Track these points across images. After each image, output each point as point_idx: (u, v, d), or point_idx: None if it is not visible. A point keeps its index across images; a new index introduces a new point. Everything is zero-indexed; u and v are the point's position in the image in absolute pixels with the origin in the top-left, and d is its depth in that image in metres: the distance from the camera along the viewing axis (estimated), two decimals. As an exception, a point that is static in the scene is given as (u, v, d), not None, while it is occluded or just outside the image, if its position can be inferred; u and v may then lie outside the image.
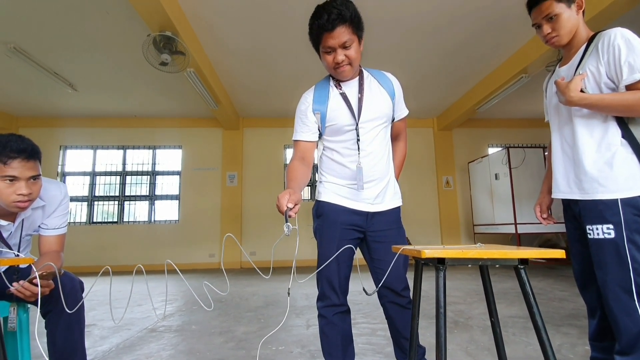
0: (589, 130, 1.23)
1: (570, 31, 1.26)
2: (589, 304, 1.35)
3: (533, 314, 0.73)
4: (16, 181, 1.19)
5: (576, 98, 1.17)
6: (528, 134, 7.35)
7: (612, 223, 1.15)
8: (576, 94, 1.17)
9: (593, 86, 1.21)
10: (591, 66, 1.21)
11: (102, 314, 2.97)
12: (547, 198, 1.49)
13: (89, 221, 6.63)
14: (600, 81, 1.19)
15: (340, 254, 1.24)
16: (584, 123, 1.25)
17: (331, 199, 1.34)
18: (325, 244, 1.31)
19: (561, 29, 1.25)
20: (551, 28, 1.26)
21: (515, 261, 0.73)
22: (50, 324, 1.28)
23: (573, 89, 1.17)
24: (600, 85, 1.20)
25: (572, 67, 1.28)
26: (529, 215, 5.40)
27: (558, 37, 1.27)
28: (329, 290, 1.30)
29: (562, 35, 1.26)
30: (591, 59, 1.21)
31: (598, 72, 1.19)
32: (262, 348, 1.99)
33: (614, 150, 1.18)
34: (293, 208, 1.03)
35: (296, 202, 1.04)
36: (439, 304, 0.70)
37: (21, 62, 4.45)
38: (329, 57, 1.23)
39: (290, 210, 1.02)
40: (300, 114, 1.36)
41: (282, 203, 1.02)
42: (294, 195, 1.05)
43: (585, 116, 1.24)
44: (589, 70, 1.21)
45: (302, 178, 1.25)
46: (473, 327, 2.34)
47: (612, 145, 1.19)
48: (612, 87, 1.19)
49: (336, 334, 1.31)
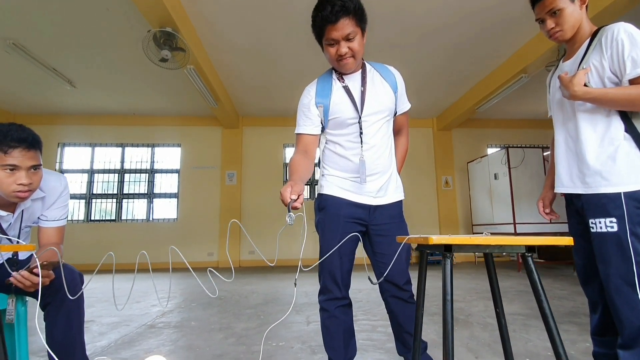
0: (592, 124, 1.23)
1: (573, 26, 1.25)
2: (590, 298, 1.34)
3: (540, 302, 0.73)
4: (16, 171, 1.18)
5: (580, 92, 1.17)
6: (527, 135, 7.37)
7: (614, 216, 1.15)
8: (580, 88, 1.17)
9: (596, 80, 1.21)
10: (595, 61, 1.21)
11: (100, 310, 2.95)
12: (550, 193, 1.49)
13: (86, 219, 6.60)
14: (603, 75, 1.19)
15: (342, 247, 1.23)
16: (587, 117, 1.25)
17: (334, 192, 1.34)
18: (327, 237, 1.31)
19: (565, 23, 1.24)
20: (555, 23, 1.25)
21: (522, 248, 0.73)
22: (49, 317, 1.26)
23: (577, 83, 1.17)
24: (603, 80, 1.20)
25: (575, 61, 1.28)
26: (528, 215, 5.40)
27: (562, 32, 1.26)
28: (331, 283, 1.30)
29: (566, 29, 1.25)
30: (595, 53, 1.21)
31: (602, 67, 1.19)
32: (263, 344, 1.98)
33: (617, 144, 1.18)
34: (297, 199, 1.02)
35: (299, 193, 1.04)
36: (446, 290, 0.70)
37: (20, 59, 4.43)
38: (332, 49, 1.22)
39: (295, 202, 1.01)
40: (303, 107, 1.35)
41: (286, 195, 1.02)
42: (296, 186, 1.04)
43: (589, 111, 1.24)
44: (592, 65, 1.21)
45: (304, 171, 1.24)
46: (473, 324, 2.34)
47: (615, 140, 1.19)
48: (615, 81, 1.19)
49: (338, 328, 1.30)
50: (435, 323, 2.34)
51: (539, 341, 1.96)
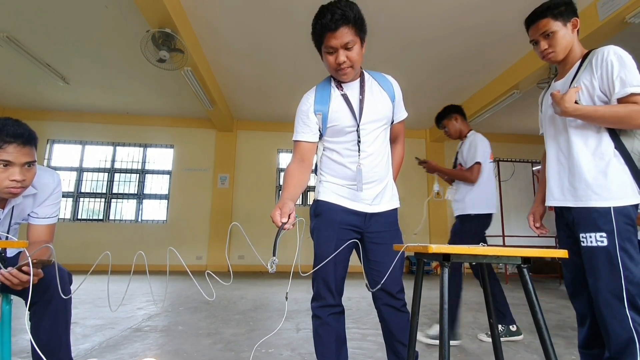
0: (583, 139, 1.28)
1: (565, 48, 1.32)
2: (579, 311, 1.37)
3: (535, 313, 0.74)
4: (10, 166, 1.15)
5: (570, 109, 1.22)
6: (517, 149, 7.51)
7: (605, 231, 1.18)
8: (570, 104, 1.22)
9: (587, 99, 1.26)
10: (585, 80, 1.26)
11: (83, 312, 2.87)
12: (540, 208, 1.52)
13: (73, 218, 6.46)
14: (593, 94, 1.24)
15: (337, 255, 1.24)
16: (578, 133, 1.29)
17: (330, 198, 1.34)
18: (322, 243, 1.30)
19: (557, 45, 1.31)
20: (548, 44, 1.32)
21: (519, 259, 0.75)
22: (36, 316, 1.23)
23: (568, 99, 1.22)
24: (593, 98, 1.25)
25: (567, 81, 1.33)
26: (517, 229, 5.49)
27: (554, 54, 1.33)
28: (325, 290, 1.29)
29: (558, 51, 1.32)
30: (585, 73, 1.26)
31: (592, 86, 1.24)
32: (251, 350, 1.95)
33: (608, 160, 1.22)
34: (288, 221, 1.04)
35: (289, 213, 1.06)
36: (443, 299, 0.70)
37: (13, 52, 4.36)
38: (331, 57, 1.23)
39: (286, 224, 1.04)
40: (301, 114, 1.36)
41: (277, 220, 1.04)
42: (285, 208, 1.06)
43: (580, 126, 1.29)
44: (583, 84, 1.26)
45: (298, 184, 1.25)
46: (462, 335, 2.35)
47: (605, 155, 1.23)
48: (604, 100, 1.24)
49: (330, 336, 1.29)
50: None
51: (526, 353, 1.98)
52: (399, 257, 1.30)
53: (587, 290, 1.27)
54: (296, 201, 1.17)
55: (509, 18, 3.63)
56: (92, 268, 0.97)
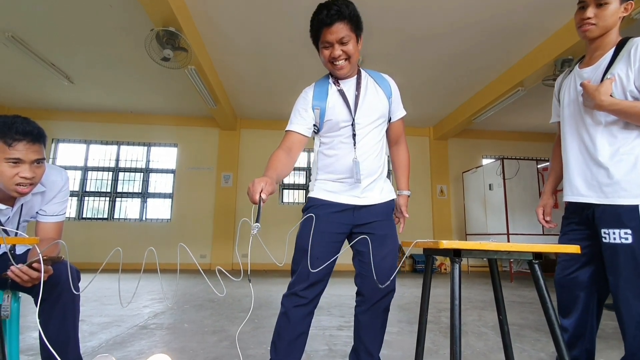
0: (611, 134, 1.20)
1: (607, 27, 1.20)
2: (572, 330, 1.32)
3: (547, 309, 0.74)
4: (20, 164, 1.16)
5: (606, 103, 1.13)
6: (521, 147, 7.48)
7: (630, 228, 1.11)
8: (607, 98, 1.13)
9: (619, 92, 1.16)
10: (621, 71, 1.16)
11: (90, 309, 2.89)
12: (551, 200, 1.46)
13: (78, 216, 6.50)
14: (627, 88, 1.15)
15: (322, 250, 1.24)
16: (606, 128, 1.21)
17: (320, 195, 1.35)
18: (303, 234, 1.28)
19: (603, 19, 1.19)
20: (594, 14, 1.19)
21: (530, 255, 0.74)
22: (44, 314, 1.24)
23: (604, 92, 1.13)
24: (625, 92, 1.16)
25: (597, 69, 1.23)
26: (522, 226, 5.46)
27: (594, 27, 1.20)
28: (300, 280, 1.26)
29: (600, 26, 1.20)
30: (621, 63, 1.17)
31: (627, 78, 1.15)
32: (257, 347, 1.96)
33: (637, 154, 1.15)
34: (265, 198, 1.00)
35: (270, 193, 1.02)
36: (454, 295, 0.70)
37: (17, 52, 4.38)
38: (327, 51, 1.27)
39: (262, 193, 0.99)
40: (299, 107, 1.37)
41: (256, 190, 0.99)
42: (269, 187, 1.02)
43: (609, 121, 1.20)
44: (617, 75, 1.16)
45: (282, 168, 1.20)
46: (468, 333, 2.34)
47: (635, 149, 1.16)
48: (635, 95, 1.15)
49: (287, 328, 1.25)
50: (411, 333, 2.29)
51: (533, 351, 1.97)
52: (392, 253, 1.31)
53: (580, 306, 1.25)
54: (275, 180, 1.11)
55: (513, 15, 3.60)
56: (102, 265, 0.97)
